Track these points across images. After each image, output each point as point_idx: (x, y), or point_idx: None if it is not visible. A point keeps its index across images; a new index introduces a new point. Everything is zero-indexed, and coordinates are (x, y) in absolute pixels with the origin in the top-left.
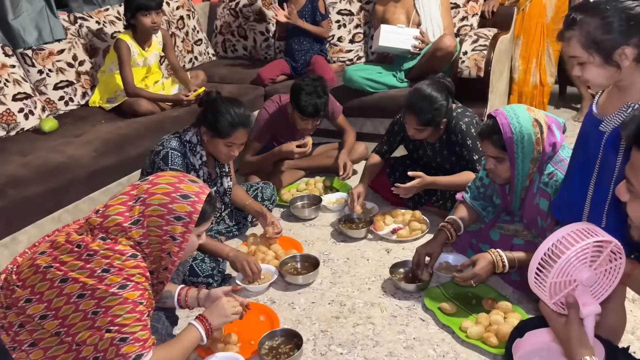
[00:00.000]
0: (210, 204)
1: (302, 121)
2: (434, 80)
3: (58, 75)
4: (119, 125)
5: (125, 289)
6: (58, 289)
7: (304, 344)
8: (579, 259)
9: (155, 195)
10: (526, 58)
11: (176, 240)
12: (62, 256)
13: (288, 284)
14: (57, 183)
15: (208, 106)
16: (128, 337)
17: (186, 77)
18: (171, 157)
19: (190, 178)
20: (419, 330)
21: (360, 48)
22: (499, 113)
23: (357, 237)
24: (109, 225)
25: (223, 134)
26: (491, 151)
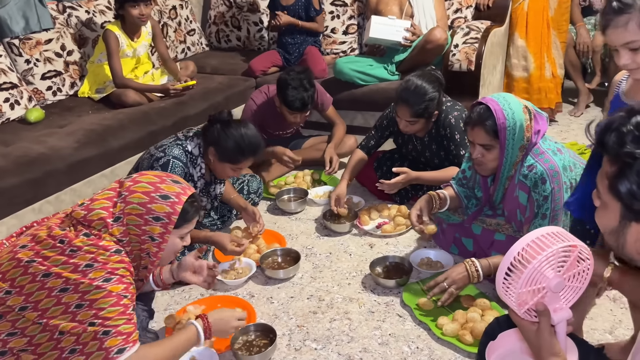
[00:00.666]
0: (193, 205)
1: (291, 115)
2: (424, 72)
3: (46, 65)
4: (104, 116)
5: (110, 282)
6: (40, 283)
7: (279, 339)
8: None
9: (135, 193)
10: (538, 53)
11: (155, 240)
12: (45, 251)
13: (268, 278)
14: (35, 174)
15: (220, 130)
16: (111, 330)
17: (175, 67)
18: (172, 165)
19: (172, 178)
20: (395, 326)
21: (354, 40)
22: (489, 100)
23: (341, 232)
24: (92, 218)
25: (233, 161)
26: (482, 138)
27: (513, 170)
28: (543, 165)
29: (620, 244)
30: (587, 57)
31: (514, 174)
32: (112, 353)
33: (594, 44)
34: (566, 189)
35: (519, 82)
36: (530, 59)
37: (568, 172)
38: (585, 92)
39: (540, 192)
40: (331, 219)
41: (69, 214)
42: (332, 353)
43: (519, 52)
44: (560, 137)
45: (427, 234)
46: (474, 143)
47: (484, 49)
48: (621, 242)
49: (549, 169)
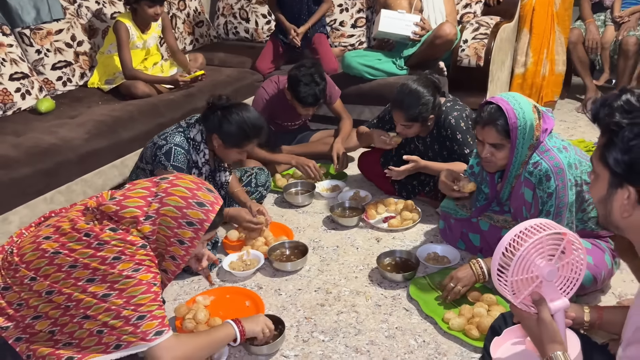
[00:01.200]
0: (221, 215)
1: (303, 109)
2: (420, 77)
3: (56, 55)
4: (113, 108)
5: (139, 272)
6: (66, 273)
7: (287, 330)
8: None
9: (173, 196)
10: (537, 49)
11: (184, 244)
12: (71, 244)
13: (276, 270)
14: (47, 165)
15: (221, 115)
16: (145, 315)
17: (184, 59)
18: (174, 153)
19: (207, 187)
20: (402, 320)
21: (362, 33)
22: (498, 99)
23: (348, 225)
24: (124, 215)
25: (238, 145)
26: (493, 138)
27: (521, 169)
28: (548, 162)
29: (607, 211)
30: (596, 53)
31: (521, 172)
32: (150, 335)
33: (603, 40)
34: (570, 186)
35: (516, 79)
36: (529, 54)
37: (573, 170)
38: (592, 88)
39: (545, 189)
40: (339, 213)
41: (91, 207)
42: (340, 345)
43: (523, 49)
44: (567, 134)
45: (466, 192)
46: (483, 142)
47: (493, 44)
48: (608, 209)
49: (554, 166)
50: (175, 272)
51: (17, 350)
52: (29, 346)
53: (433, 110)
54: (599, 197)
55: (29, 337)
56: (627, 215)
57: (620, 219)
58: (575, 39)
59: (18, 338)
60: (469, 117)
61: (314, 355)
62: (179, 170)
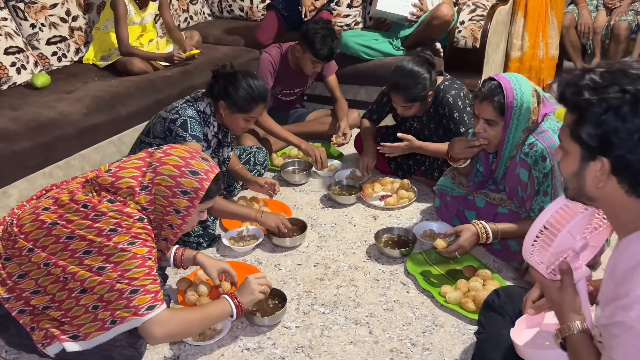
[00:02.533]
0: (217, 184)
1: (313, 64)
2: (413, 56)
3: (51, 30)
4: (110, 84)
5: (134, 245)
6: (63, 245)
7: (288, 303)
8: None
9: (167, 165)
10: (533, 32)
11: (180, 213)
12: (68, 214)
13: (275, 246)
14: (46, 138)
15: (227, 81)
16: (139, 289)
17: (180, 36)
18: (190, 124)
19: (202, 155)
20: (400, 293)
21: (359, 13)
22: (501, 77)
23: (345, 204)
24: (120, 186)
25: (245, 109)
26: (488, 113)
27: (515, 151)
28: (543, 143)
29: (580, 185)
30: (588, 37)
31: (516, 153)
32: (142, 310)
33: (595, 25)
34: None
35: (513, 62)
36: (526, 37)
37: None
38: None
39: (541, 169)
40: (336, 191)
41: (90, 179)
42: (340, 317)
43: (518, 32)
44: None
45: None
46: (478, 117)
47: (489, 26)
48: (581, 183)
49: (549, 146)
50: (174, 240)
51: (21, 322)
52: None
53: (431, 87)
54: (570, 172)
55: (32, 309)
56: (602, 186)
57: (595, 189)
58: (568, 23)
59: (21, 310)
60: (466, 96)
61: (315, 327)
62: (197, 140)
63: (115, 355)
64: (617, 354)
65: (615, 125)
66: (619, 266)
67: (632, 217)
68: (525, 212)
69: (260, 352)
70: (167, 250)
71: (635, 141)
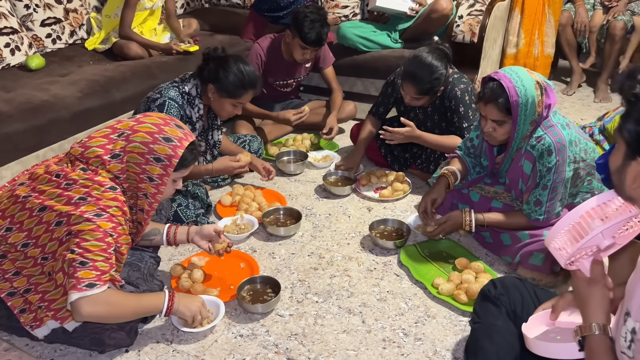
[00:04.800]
0: (192, 151)
1: (302, 50)
2: (433, 48)
3: (45, 11)
4: (105, 68)
5: (100, 218)
6: (37, 218)
7: (282, 291)
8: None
9: (139, 133)
10: (529, 30)
11: (153, 181)
12: (41, 186)
13: (269, 234)
14: (40, 121)
15: (217, 64)
16: (88, 262)
17: (178, 25)
18: (167, 106)
19: (176, 122)
20: (393, 284)
21: (357, 4)
22: (501, 76)
23: (340, 195)
24: (89, 156)
25: (234, 95)
26: (495, 114)
27: (522, 142)
28: (552, 137)
29: (621, 182)
30: (584, 36)
31: (522, 145)
32: (82, 285)
33: (591, 23)
34: (569, 162)
35: (508, 59)
36: (521, 34)
37: (573, 147)
38: (578, 71)
39: (545, 163)
40: (331, 182)
41: (67, 153)
42: (333, 306)
43: (515, 29)
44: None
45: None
46: (486, 118)
47: (487, 21)
48: (622, 180)
49: (557, 142)
50: (150, 211)
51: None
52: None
53: (444, 82)
54: (615, 166)
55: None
56: (636, 187)
57: (631, 189)
58: (564, 22)
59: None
60: (472, 92)
61: (309, 315)
62: None
63: (104, 338)
64: None
65: None
66: None
67: None
68: (520, 204)
69: (254, 339)
70: (145, 222)
71: None
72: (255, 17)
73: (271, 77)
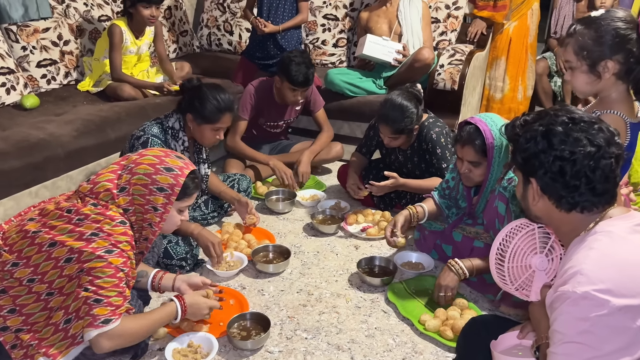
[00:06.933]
0: (193, 180)
1: (292, 92)
2: (402, 90)
3: (42, 53)
4: (100, 108)
5: (111, 254)
6: (46, 253)
7: (271, 328)
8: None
9: (141, 165)
10: (514, 76)
11: (157, 210)
12: (52, 221)
13: (259, 271)
14: (35, 158)
15: (193, 93)
16: (102, 299)
17: (171, 68)
18: (151, 143)
19: (176, 154)
20: (381, 321)
21: (343, 53)
22: (477, 120)
23: (328, 233)
24: (99, 190)
25: (211, 120)
26: (471, 156)
27: (496, 185)
28: None
29: (526, 205)
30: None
31: (496, 187)
32: (99, 321)
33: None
34: None
35: (496, 103)
36: (507, 80)
37: None
38: None
39: (518, 203)
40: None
41: (75, 191)
42: (322, 343)
43: (500, 75)
44: None
45: (398, 246)
46: (462, 159)
47: (467, 70)
48: (526, 203)
49: None
50: (153, 239)
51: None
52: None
53: (417, 121)
54: (519, 194)
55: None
56: (536, 203)
57: (535, 208)
58: (541, 71)
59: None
60: (448, 134)
61: (298, 352)
62: None
63: None
64: (557, 324)
65: (534, 150)
66: (564, 262)
67: (570, 228)
68: None
69: None
70: (147, 250)
71: (550, 163)
72: (246, 64)
73: (262, 117)
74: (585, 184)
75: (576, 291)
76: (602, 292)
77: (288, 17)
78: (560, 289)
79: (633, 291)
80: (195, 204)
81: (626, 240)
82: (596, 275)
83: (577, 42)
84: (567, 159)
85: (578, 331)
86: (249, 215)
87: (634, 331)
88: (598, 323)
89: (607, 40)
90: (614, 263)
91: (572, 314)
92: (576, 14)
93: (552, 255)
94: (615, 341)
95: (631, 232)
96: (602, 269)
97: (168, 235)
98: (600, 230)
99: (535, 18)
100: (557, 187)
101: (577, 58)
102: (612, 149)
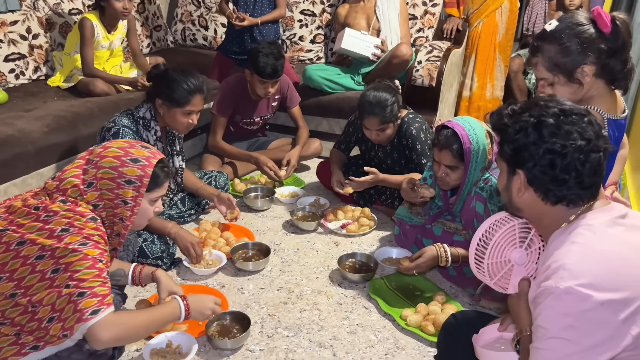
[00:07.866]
0: (163, 169)
1: (262, 85)
2: (377, 85)
3: (10, 46)
4: (72, 104)
5: (86, 246)
6: (14, 252)
7: (252, 326)
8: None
9: (106, 158)
10: (482, 74)
11: (128, 204)
12: (19, 219)
13: (238, 269)
14: (4, 155)
15: (160, 79)
16: (86, 291)
17: (145, 63)
18: (122, 133)
19: (142, 144)
20: (362, 317)
21: (321, 49)
22: (454, 124)
23: (307, 230)
24: (66, 187)
25: (181, 103)
26: (448, 160)
27: (472, 187)
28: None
29: (509, 196)
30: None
31: (472, 189)
32: (87, 314)
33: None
34: None
35: (464, 101)
36: (475, 78)
37: None
38: None
39: (496, 202)
40: (298, 217)
41: (43, 188)
42: (304, 340)
43: (469, 73)
44: None
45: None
46: (439, 163)
47: (444, 67)
48: (510, 194)
49: None
50: (125, 234)
51: None
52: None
53: (399, 109)
54: (502, 186)
55: None
56: (521, 195)
57: (519, 200)
58: (516, 68)
59: None
60: (428, 130)
61: (279, 350)
62: None
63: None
64: (541, 319)
65: (524, 142)
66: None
67: (552, 221)
68: None
69: None
70: (120, 246)
71: (540, 155)
72: (222, 59)
73: (238, 114)
74: (574, 177)
75: (559, 286)
76: (585, 287)
77: (266, 12)
78: (544, 285)
79: (615, 285)
80: (172, 202)
81: (607, 233)
82: (579, 269)
83: (546, 60)
84: (557, 152)
85: (562, 326)
86: (230, 210)
87: (617, 325)
88: (582, 318)
89: (574, 48)
90: (596, 257)
91: (556, 309)
92: (548, 11)
93: (531, 249)
94: (599, 335)
95: (612, 225)
96: (585, 263)
97: (143, 233)
98: (582, 224)
99: (504, 17)
100: (546, 179)
101: (552, 74)
102: (601, 142)
